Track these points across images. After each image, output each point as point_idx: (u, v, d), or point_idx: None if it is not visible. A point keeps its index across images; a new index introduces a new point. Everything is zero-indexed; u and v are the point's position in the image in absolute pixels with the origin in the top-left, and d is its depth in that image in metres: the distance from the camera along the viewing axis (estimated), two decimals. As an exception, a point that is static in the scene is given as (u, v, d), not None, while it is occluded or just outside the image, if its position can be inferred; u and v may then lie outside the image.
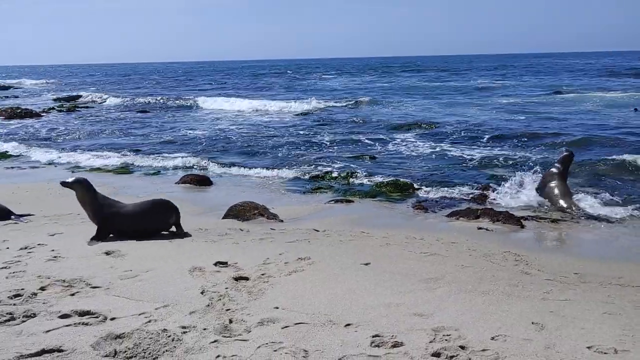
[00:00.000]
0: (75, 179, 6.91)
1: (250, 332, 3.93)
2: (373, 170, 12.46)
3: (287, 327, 4.02)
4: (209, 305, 4.40)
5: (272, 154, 15.02)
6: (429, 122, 20.47)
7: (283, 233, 7.26)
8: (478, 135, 17.02)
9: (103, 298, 4.55)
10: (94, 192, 6.83)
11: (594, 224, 8.14)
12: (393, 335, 3.88)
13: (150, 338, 3.72)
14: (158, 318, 4.11)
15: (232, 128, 21.21)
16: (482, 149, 14.86)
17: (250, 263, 5.62)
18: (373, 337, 3.85)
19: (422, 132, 18.57)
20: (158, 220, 7.01)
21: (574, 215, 8.56)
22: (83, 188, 6.79)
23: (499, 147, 15.07)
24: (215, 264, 5.53)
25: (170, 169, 13.37)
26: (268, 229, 7.53)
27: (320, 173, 12.27)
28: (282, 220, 8.21)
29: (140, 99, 35.11)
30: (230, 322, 4.09)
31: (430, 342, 3.81)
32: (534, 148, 14.63)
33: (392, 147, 15.80)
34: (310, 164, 13.44)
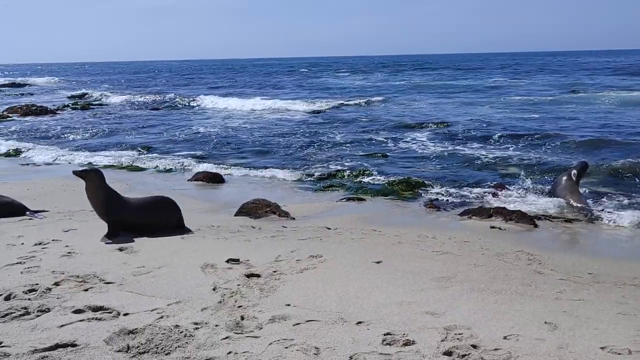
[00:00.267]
0: (89, 168, 6.80)
1: (262, 328, 3.94)
2: (385, 169, 12.44)
3: (298, 324, 4.02)
4: (221, 302, 4.42)
5: (283, 152, 15.03)
6: (442, 120, 20.39)
7: (295, 231, 7.26)
8: (491, 134, 16.91)
9: (116, 294, 4.58)
10: (106, 184, 6.75)
11: (608, 224, 8.07)
12: (404, 334, 3.87)
13: (163, 334, 3.75)
14: (170, 314, 4.14)
15: (243, 126, 21.26)
16: (494, 148, 14.77)
17: (262, 260, 5.63)
18: (384, 335, 3.85)
19: (434, 130, 18.49)
20: (162, 217, 6.99)
21: (585, 214, 8.50)
22: (96, 178, 6.67)
23: (512, 146, 14.96)
24: (227, 261, 5.55)
25: (183, 167, 13.42)
26: (280, 227, 7.54)
27: (332, 171, 12.27)
28: (293, 218, 8.22)
29: (152, 97, 35.29)
30: (242, 318, 4.10)
31: (442, 340, 3.80)
32: (548, 148, 14.51)
33: (404, 145, 15.75)
34: (322, 162, 13.45)
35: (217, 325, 3.95)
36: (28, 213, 7.98)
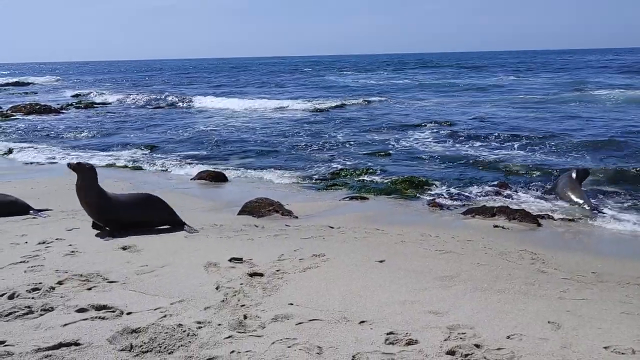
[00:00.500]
0: (82, 162, 6.87)
1: (265, 328, 3.94)
2: (388, 168, 12.43)
3: (301, 323, 4.02)
4: (224, 301, 4.42)
5: (286, 151, 15.03)
6: (445, 119, 20.36)
7: (298, 229, 7.26)
8: (495, 133, 16.87)
9: (119, 293, 4.59)
10: (97, 180, 6.78)
11: (612, 224, 8.04)
12: (407, 333, 3.87)
13: (166, 333, 3.75)
14: (173, 313, 4.14)
15: (246, 125, 21.27)
16: (498, 147, 14.74)
17: (265, 259, 5.63)
18: (387, 334, 3.85)
19: (437, 129, 18.46)
20: (152, 214, 6.99)
21: (589, 213, 8.49)
22: (89, 173, 6.71)
23: (516, 145, 14.91)
24: (230, 260, 5.55)
25: (186, 165, 13.43)
26: (283, 226, 7.54)
27: (335, 170, 12.26)
28: (296, 217, 8.22)
29: (154, 96, 35.24)
30: (245, 317, 4.10)
31: (445, 340, 3.80)
32: (551, 147, 14.44)
33: (406, 144, 15.73)
34: (325, 161, 13.45)
35: (220, 325, 3.95)
36: (32, 212, 8.00)
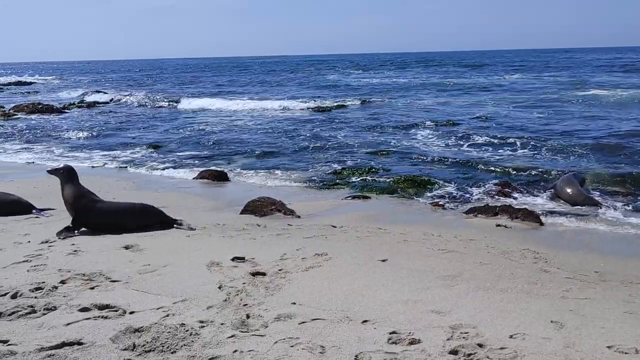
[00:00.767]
0: (62, 167, 6.92)
1: (267, 327, 3.94)
2: (390, 167, 12.43)
3: (304, 322, 4.02)
4: (227, 300, 4.42)
5: (288, 151, 15.03)
6: (447, 119, 20.34)
7: (300, 229, 7.26)
8: (497, 133, 16.86)
9: (122, 292, 4.59)
10: (77, 182, 6.83)
11: (614, 223, 8.03)
12: (410, 332, 3.86)
13: (169, 332, 3.75)
14: (176, 312, 4.14)
15: (248, 125, 21.29)
16: (501, 147, 14.71)
17: (268, 258, 5.63)
18: (390, 334, 3.84)
19: (439, 129, 18.44)
20: (138, 222, 6.98)
21: (592, 213, 8.49)
22: (67, 176, 6.79)
23: (519, 144, 14.88)
24: (233, 259, 5.55)
25: (188, 165, 13.44)
26: (285, 225, 7.54)
27: (337, 169, 12.26)
28: (299, 216, 8.22)
29: (156, 96, 35.34)
30: (248, 317, 4.10)
31: (448, 339, 3.79)
32: (554, 146, 14.41)
33: (409, 143, 15.72)
34: (327, 160, 13.45)
35: (222, 324, 3.95)
36: (34, 211, 8.02)
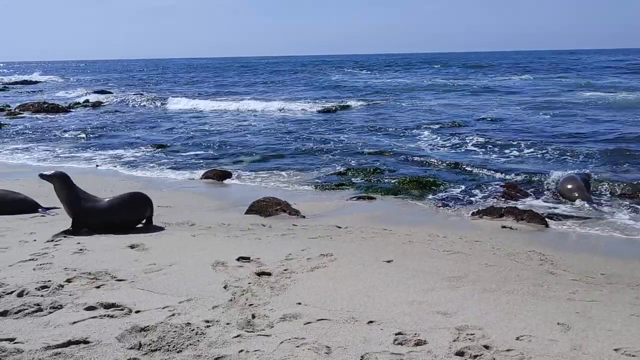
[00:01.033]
0: (54, 172, 6.90)
1: (273, 327, 3.93)
2: (395, 168, 12.42)
3: (309, 323, 4.01)
4: (232, 300, 4.42)
5: (293, 151, 15.04)
6: (452, 120, 20.33)
7: (305, 229, 7.26)
8: (503, 134, 16.84)
9: (128, 291, 4.59)
10: (72, 186, 6.83)
11: (620, 225, 8.00)
12: (416, 334, 3.85)
13: (174, 331, 3.75)
14: (182, 312, 4.14)
15: (253, 125, 21.31)
16: (506, 148, 14.67)
17: (273, 259, 5.62)
18: (396, 334, 3.83)
19: (444, 129, 18.42)
20: (133, 213, 7.02)
21: (597, 215, 8.47)
22: (61, 181, 6.78)
23: (525, 146, 14.83)
24: (238, 259, 5.55)
25: (193, 165, 13.47)
26: (290, 225, 7.54)
27: (342, 170, 12.25)
28: (304, 217, 8.22)
29: (160, 95, 35.42)
30: (253, 317, 4.09)
31: (454, 341, 3.78)
32: (561, 148, 14.34)
33: (414, 144, 15.70)
34: (332, 161, 13.45)
35: (228, 324, 3.95)
36: (40, 210, 8.05)
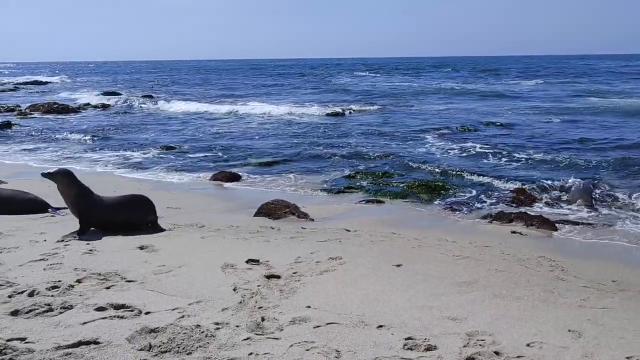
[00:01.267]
0: (57, 170, 6.85)
1: (283, 330, 3.93)
2: (404, 172, 12.39)
3: (319, 326, 4.00)
4: (241, 303, 4.42)
5: (302, 154, 15.02)
6: (462, 124, 20.28)
7: (314, 232, 7.25)
8: (512, 139, 16.79)
9: (137, 292, 4.60)
10: (77, 182, 6.79)
11: (631, 233, 7.93)
12: (426, 339, 3.83)
13: (184, 333, 3.75)
14: (191, 314, 4.15)
15: (262, 128, 21.33)
16: (516, 153, 14.56)
17: (282, 261, 5.62)
18: (406, 339, 3.82)
19: (454, 134, 18.37)
20: (136, 215, 6.99)
21: (608, 221, 8.43)
22: (64, 179, 6.73)
23: (534, 151, 14.73)
24: (247, 262, 5.55)
25: (201, 167, 13.50)
26: (299, 228, 7.54)
27: (351, 173, 12.24)
28: (312, 220, 8.21)
29: (170, 97, 35.53)
30: (263, 320, 4.09)
31: (464, 346, 3.76)
32: (572, 155, 14.25)
33: (423, 148, 15.66)
34: (340, 164, 13.43)
35: (237, 326, 3.95)
36: (50, 210, 8.09)
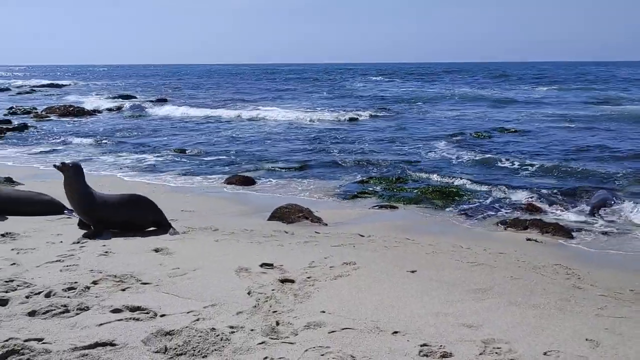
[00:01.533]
0: (69, 162, 6.84)
1: (297, 335, 3.93)
2: (417, 177, 12.36)
3: (333, 331, 3.99)
4: (256, 307, 4.42)
5: (315, 159, 15.05)
6: (475, 130, 20.22)
7: (328, 237, 7.25)
8: (527, 146, 16.70)
9: (153, 294, 4.62)
10: (84, 179, 6.78)
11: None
12: (442, 346, 3.81)
13: (200, 336, 3.76)
14: (206, 317, 4.15)
15: (275, 133, 21.38)
16: (531, 159, 14.48)
17: (296, 266, 5.62)
18: (421, 346, 3.79)
19: (468, 140, 18.32)
20: (136, 215, 6.96)
21: (625, 229, 8.34)
22: (74, 171, 6.70)
23: (548, 158, 14.67)
24: (261, 266, 5.55)
25: (215, 171, 13.55)
26: (312, 232, 7.53)
27: (364, 178, 12.22)
28: (326, 224, 8.21)
29: (184, 101, 35.77)
30: (277, 324, 4.09)
31: (480, 354, 3.73)
32: (586, 162, 14.15)
33: (437, 154, 15.62)
34: (354, 170, 13.44)
35: (252, 330, 3.95)
36: (66, 212, 8.15)
